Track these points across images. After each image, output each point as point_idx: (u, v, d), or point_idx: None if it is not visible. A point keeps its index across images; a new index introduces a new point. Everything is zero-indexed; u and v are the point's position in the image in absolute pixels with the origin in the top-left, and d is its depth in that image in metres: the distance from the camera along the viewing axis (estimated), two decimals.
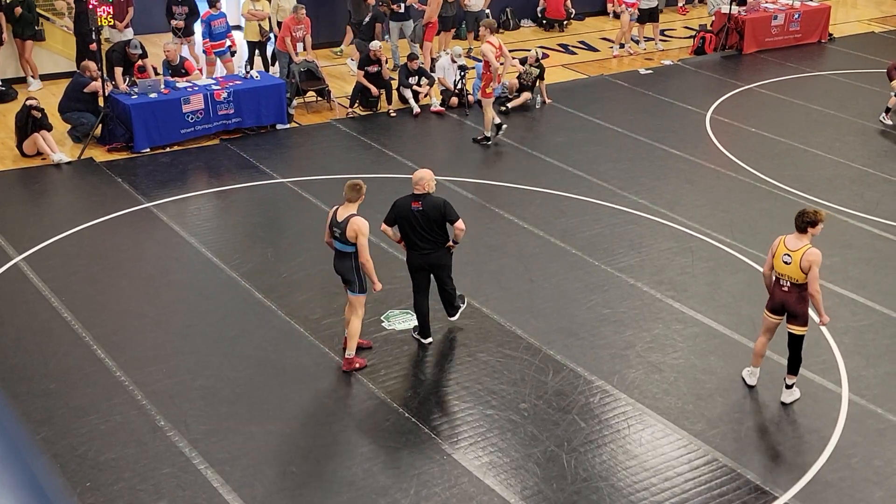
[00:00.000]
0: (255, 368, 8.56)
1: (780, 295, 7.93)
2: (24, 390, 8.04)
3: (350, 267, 8.20)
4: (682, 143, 14.33)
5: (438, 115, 15.27)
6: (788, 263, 7.77)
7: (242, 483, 7.04)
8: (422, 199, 8.47)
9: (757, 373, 8.40)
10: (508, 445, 7.56)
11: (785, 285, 7.87)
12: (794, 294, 7.84)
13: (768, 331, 8.17)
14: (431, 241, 8.51)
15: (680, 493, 7.11)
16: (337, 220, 8.16)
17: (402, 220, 8.50)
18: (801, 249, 7.72)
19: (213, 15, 15.31)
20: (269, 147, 13.70)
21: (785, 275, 7.84)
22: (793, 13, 19.78)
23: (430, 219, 8.44)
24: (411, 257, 8.65)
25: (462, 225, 8.52)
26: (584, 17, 21.64)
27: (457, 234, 8.59)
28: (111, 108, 13.33)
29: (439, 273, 8.71)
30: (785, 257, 7.79)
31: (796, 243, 7.79)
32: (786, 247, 7.82)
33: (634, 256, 10.73)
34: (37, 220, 11.34)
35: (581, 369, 8.57)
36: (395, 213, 8.56)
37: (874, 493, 7.18)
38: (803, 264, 7.68)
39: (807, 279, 7.72)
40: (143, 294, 9.71)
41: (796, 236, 7.83)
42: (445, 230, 8.57)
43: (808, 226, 7.80)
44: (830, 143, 14.47)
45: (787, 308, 7.91)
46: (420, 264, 8.62)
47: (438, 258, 8.60)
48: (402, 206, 8.51)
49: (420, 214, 8.43)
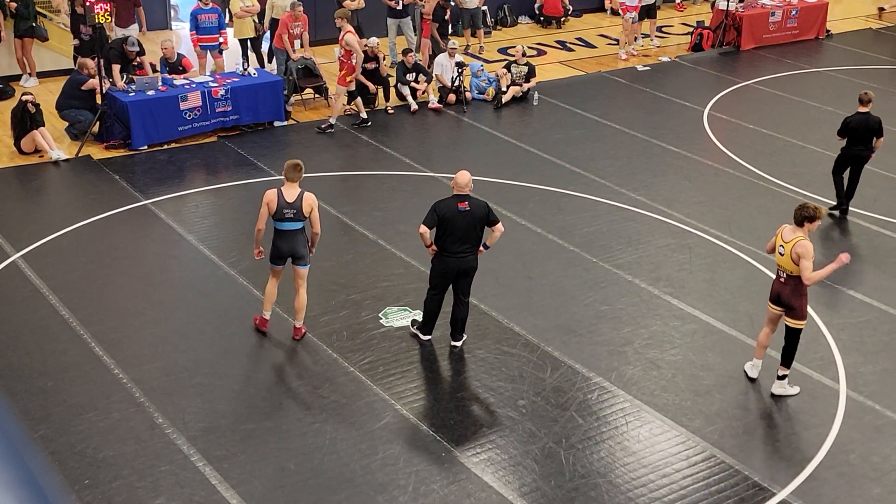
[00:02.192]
0: (252, 366, 8.56)
1: (776, 285, 8.05)
2: (22, 388, 8.03)
3: (303, 241, 8.56)
4: (680, 139, 14.33)
5: (436, 112, 15.27)
6: (782, 255, 7.90)
7: (240, 480, 7.04)
8: (468, 199, 8.34)
9: (759, 365, 8.44)
10: (506, 442, 7.56)
11: (782, 276, 7.98)
12: (790, 286, 7.90)
13: (771, 322, 8.24)
14: (470, 244, 8.37)
15: (678, 489, 7.11)
16: (288, 201, 8.41)
17: (446, 222, 8.24)
18: (793, 241, 7.80)
19: (200, 9, 15.22)
20: (266, 144, 13.69)
21: (780, 266, 7.98)
22: (790, 10, 19.79)
23: (476, 220, 8.31)
24: (445, 262, 8.39)
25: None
26: (581, 13, 21.64)
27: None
28: (109, 105, 13.31)
29: (467, 279, 8.52)
30: (780, 248, 7.94)
31: (790, 235, 7.89)
32: (781, 238, 7.95)
33: (632, 253, 10.74)
34: (34, 218, 11.32)
35: (579, 366, 8.58)
36: (437, 214, 8.24)
37: (872, 488, 7.19)
38: (793, 256, 7.77)
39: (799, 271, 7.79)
40: (141, 291, 9.70)
41: (793, 228, 7.94)
42: (482, 233, 8.46)
43: (805, 220, 7.85)
44: (828, 140, 14.44)
45: (782, 299, 7.97)
46: (453, 269, 8.40)
47: (472, 261, 8.45)
48: (448, 208, 8.26)
49: (467, 215, 8.27)
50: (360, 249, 10.65)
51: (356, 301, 9.54)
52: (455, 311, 8.70)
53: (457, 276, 8.47)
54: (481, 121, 14.97)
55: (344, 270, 10.16)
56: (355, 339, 8.88)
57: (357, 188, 12.43)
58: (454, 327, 8.78)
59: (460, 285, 8.56)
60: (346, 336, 8.93)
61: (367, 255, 10.51)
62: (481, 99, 15.75)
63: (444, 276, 8.49)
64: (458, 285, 8.56)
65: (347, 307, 9.43)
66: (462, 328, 8.79)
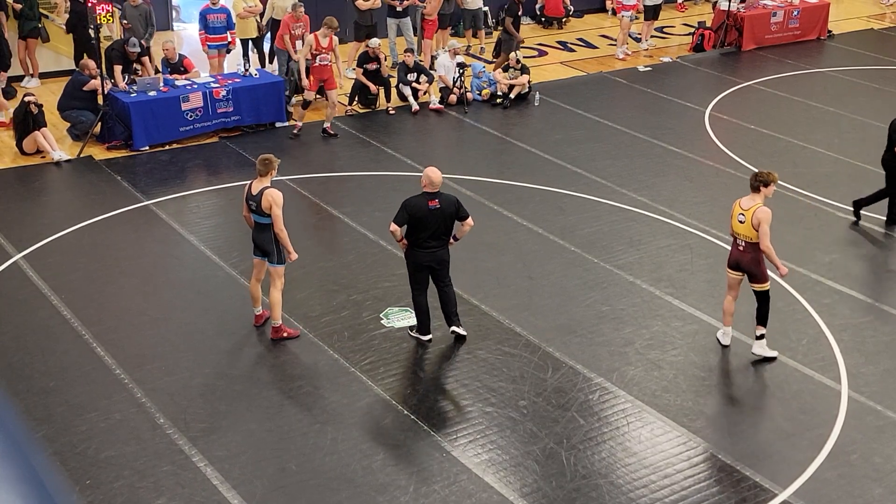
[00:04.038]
0: (253, 366, 8.56)
1: (735, 254, 8.49)
2: (24, 388, 8.04)
3: (269, 238, 8.53)
4: (681, 140, 14.33)
5: (437, 112, 15.27)
6: (742, 223, 8.31)
7: (241, 480, 7.05)
8: (438, 196, 8.51)
9: (730, 332, 8.79)
10: (507, 443, 7.57)
11: (741, 244, 8.39)
12: (749, 254, 8.35)
13: (732, 288, 8.67)
14: (441, 238, 8.58)
15: (679, 490, 7.11)
16: (252, 193, 8.48)
17: (417, 220, 8.45)
18: (753, 208, 8.22)
19: (209, 9, 15.26)
20: (267, 145, 13.67)
21: (740, 234, 8.37)
22: (792, 10, 19.77)
23: (446, 216, 8.52)
24: (418, 256, 8.61)
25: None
26: (582, 14, 21.63)
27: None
28: (110, 106, 13.32)
29: (443, 270, 8.71)
30: (739, 216, 8.34)
31: (749, 203, 8.30)
32: (740, 207, 8.35)
33: (633, 253, 10.74)
34: (36, 218, 11.33)
35: (580, 366, 8.58)
36: (408, 212, 8.47)
37: (873, 489, 7.19)
38: (754, 222, 8.18)
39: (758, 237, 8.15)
40: (143, 292, 9.71)
41: (750, 197, 8.35)
42: (452, 227, 8.62)
43: (761, 185, 8.27)
44: (829, 140, 14.47)
45: (742, 267, 8.45)
46: (427, 262, 8.61)
47: (443, 254, 8.67)
48: (418, 206, 8.46)
49: (437, 213, 8.46)
50: (362, 250, 10.66)
51: (357, 301, 9.55)
52: (442, 300, 8.85)
53: (432, 269, 8.68)
54: (482, 121, 14.97)
55: (345, 271, 10.17)
56: (356, 340, 8.89)
57: (358, 188, 12.43)
58: (448, 316, 8.90)
59: (438, 275, 8.75)
60: (347, 336, 8.94)
61: (369, 256, 10.51)
62: (481, 99, 15.75)
63: (419, 270, 8.70)
64: (436, 276, 8.76)
65: (348, 308, 9.43)
66: (455, 313, 8.89)
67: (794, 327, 9.32)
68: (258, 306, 8.98)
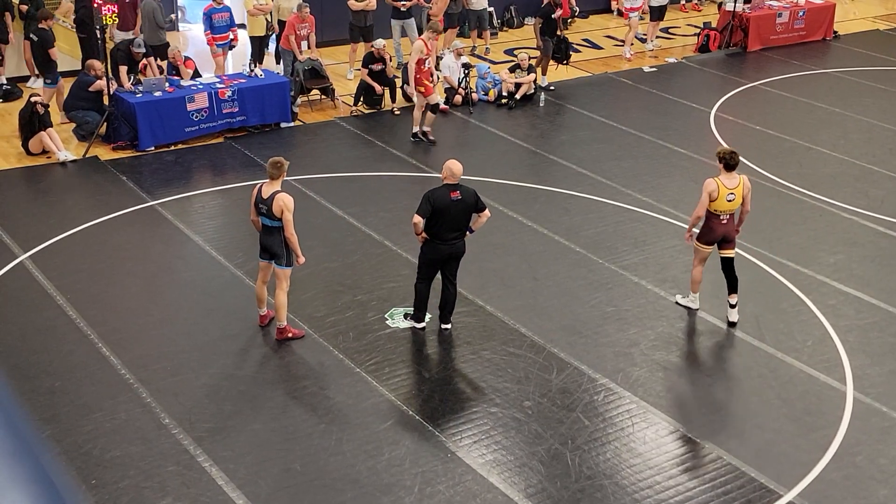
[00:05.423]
0: (259, 366, 8.57)
1: (721, 228, 9.02)
2: (29, 388, 8.05)
3: (278, 241, 8.50)
4: (687, 140, 14.32)
5: (442, 113, 15.27)
6: (732, 200, 8.90)
7: (246, 481, 7.06)
8: (459, 188, 8.59)
9: (697, 298, 9.45)
10: (512, 443, 7.57)
11: (724, 218, 8.98)
12: (730, 222, 9.05)
13: (702, 261, 9.27)
14: (460, 230, 8.68)
15: (684, 490, 7.11)
16: (262, 197, 8.45)
17: (439, 211, 8.50)
18: (740, 182, 8.91)
19: (214, 8, 15.28)
20: (273, 145, 13.69)
21: (727, 210, 8.94)
22: (797, 10, 19.75)
23: (467, 207, 8.61)
24: (436, 249, 8.67)
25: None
26: (587, 14, 21.60)
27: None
28: (116, 106, 13.35)
29: (455, 264, 8.82)
30: (729, 196, 8.89)
31: (733, 181, 8.91)
32: (725, 187, 8.87)
33: (638, 254, 10.73)
34: (42, 219, 11.35)
35: (585, 367, 8.58)
36: (431, 204, 8.50)
37: (879, 490, 7.18)
38: (744, 192, 8.92)
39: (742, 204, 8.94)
40: (148, 292, 9.73)
41: (727, 175, 8.93)
42: (470, 219, 8.72)
43: (737, 162, 8.96)
44: (835, 141, 14.45)
45: (728, 237, 9.06)
46: (443, 255, 8.69)
47: (461, 247, 8.78)
48: (441, 198, 8.52)
49: (460, 204, 8.55)
50: (366, 250, 10.66)
51: (362, 302, 9.55)
52: (444, 295, 8.93)
53: (446, 261, 8.76)
54: (487, 122, 14.97)
55: (350, 271, 10.18)
56: (361, 340, 8.89)
57: (363, 189, 12.43)
58: (444, 311, 8.99)
59: (448, 269, 8.84)
60: (352, 337, 8.95)
61: (374, 256, 10.52)
62: (486, 100, 15.75)
63: (433, 263, 8.78)
64: (447, 269, 8.84)
65: (353, 308, 9.44)
66: (451, 311, 9.00)
67: (800, 328, 9.31)
68: (263, 307, 9.00)
